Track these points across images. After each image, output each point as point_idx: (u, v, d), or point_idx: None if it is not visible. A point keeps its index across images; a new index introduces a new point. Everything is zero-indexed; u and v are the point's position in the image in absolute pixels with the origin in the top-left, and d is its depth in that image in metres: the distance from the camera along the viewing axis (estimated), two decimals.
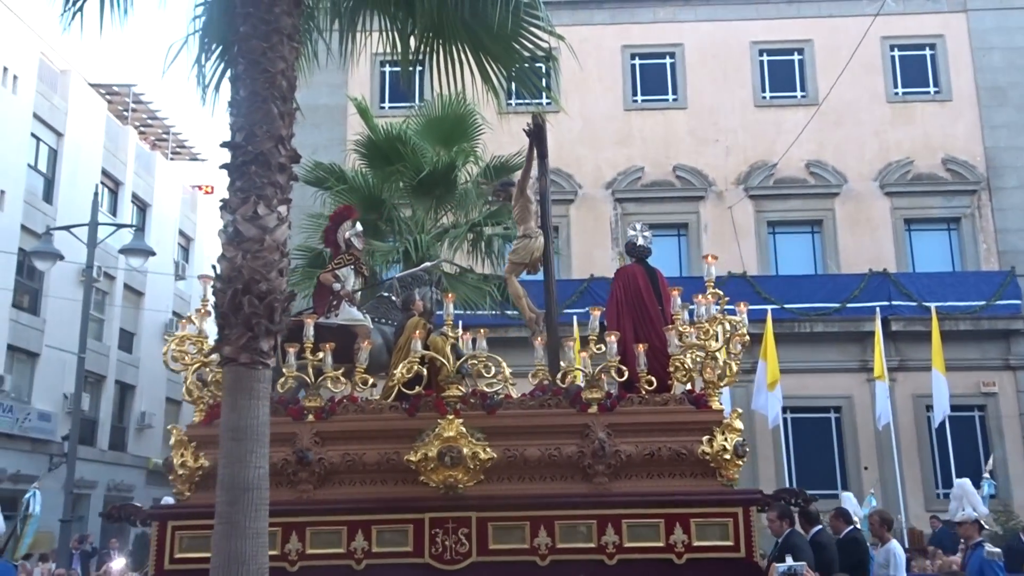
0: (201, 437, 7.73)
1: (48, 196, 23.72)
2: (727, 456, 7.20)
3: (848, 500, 12.53)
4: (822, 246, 20.46)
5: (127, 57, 69.22)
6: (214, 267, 5.92)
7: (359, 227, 9.19)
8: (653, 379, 7.48)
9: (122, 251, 17.98)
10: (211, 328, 7.88)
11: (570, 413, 7.47)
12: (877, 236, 20.23)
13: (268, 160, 5.77)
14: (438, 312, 8.91)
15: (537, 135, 8.50)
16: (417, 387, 7.59)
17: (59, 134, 24.17)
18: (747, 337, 7.65)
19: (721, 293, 7.87)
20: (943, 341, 16.87)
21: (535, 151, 8.58)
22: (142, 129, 30.60)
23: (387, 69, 20.35)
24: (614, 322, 8.15)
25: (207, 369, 7.84)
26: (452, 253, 14.46)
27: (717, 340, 7.49)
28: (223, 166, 5.94)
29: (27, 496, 13.91)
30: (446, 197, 14.36)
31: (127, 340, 27.02)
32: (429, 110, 14.88)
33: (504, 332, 17.95)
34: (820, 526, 8.15)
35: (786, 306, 18.92)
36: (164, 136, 32.05)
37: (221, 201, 5.88)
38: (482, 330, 7.90)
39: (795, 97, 21.21)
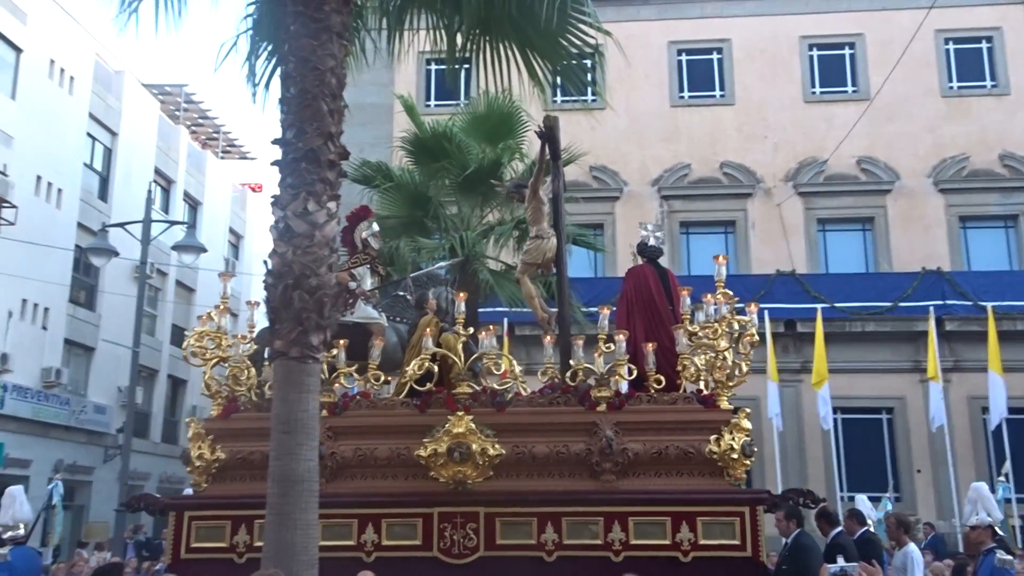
0: (218, 430, 7.95)
1: (103, 194, 24.27)
2: (735, 456, 7.18)
3: (862, 502, 12.33)
4: (874, 244, 20.09)
5: (178, 58, 70.53)
6: (265, 263, 6.01)
7: (375, 227, 9.31)
8: (662, 378, 7.51)
9: (175, 247, 18.33)
10: (230, 325, 8.31)
11: (578, 411, 7.51)
12: (931, 234, 19.81)
13: (318, 156, 5.83)
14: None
15: (549, 136, 8.49)
16: (428, 384, 7.68)
17: (114, 133, 24.71)
18: (756, 337, 7.62)
19: (731, 293, 7.77)
20: (1000, 341, 16.46)
21: (547, 152, 8.57)
22: (193, 128, 31.15)
23: (433, 67, 20.44)
24: (624, 321, 8.21)
25: (225, 364, 8.03)
26: (498, 250, 14.48)
27: (726, 340, 7.44)
28: (274, 163, 6.01)
29: (49, 488, 14.23)
30: (492, 194, 14.35)
31: (179, 335, 27.56)
32: (475, 107, 14.91)
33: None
34: (840, 528, 8.06)
35: (837, 305, 18.60)
36: (214, 135, 32.59)
37: (272, 197, 5.96)
38: (491, 327, 7.99)
39: (846, 92, 20.85)
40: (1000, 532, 8.85)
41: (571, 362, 7.74)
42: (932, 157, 20.20)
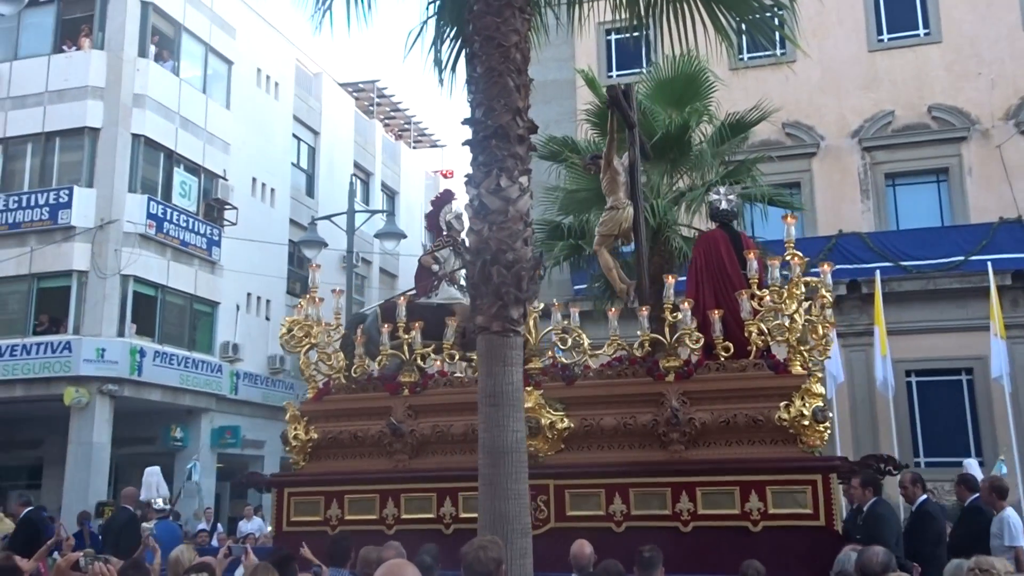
0: (312, 412, 8.45)
1: (310, 190, 25.93)
2: (805, 422, 6.94)
3: (972, 466, 10.97)
4: None
5: (369, 55, 73.96)
6: (463, 242, 6.20)
7: (458, 209, 9.41)
8: (730, 345, 7.31)
9: (377, 235, 19.27)
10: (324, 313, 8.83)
11: (645, 382, 7.46)
12: None
13: (507, 132, 5.91)
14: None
15: (616, 104, 8.20)
16: None
17: (316, 133, 26.31)
18: (829, 298, 7.38)
19: (800, 254, 7.46)
20: None
21: (617, 122, 8.33)
22: (386, 121, 32.57)
23: (612, 37, 20.19)
24: (693, 289, 8.02)
25: (324, 351, 8.50)
26: (690, 216, 14.15)
27: (795, 303, 7.15)
28: (465, 142, 6.16)
29: (188, 466, 15.40)
30: (681, 160, 14.04)
31: None
32: (658, 73, 14.59)
33: None
34: (926, 495, 7.55)
35: None
36: (406, 127, 33.94)
37: (465, 176, 6.12)
38: (557, 303, 8.00)
39: None
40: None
41: (637, 332, 7.66)
42: None
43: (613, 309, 8.11)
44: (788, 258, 7.47)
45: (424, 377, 8.36)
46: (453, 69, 8.15)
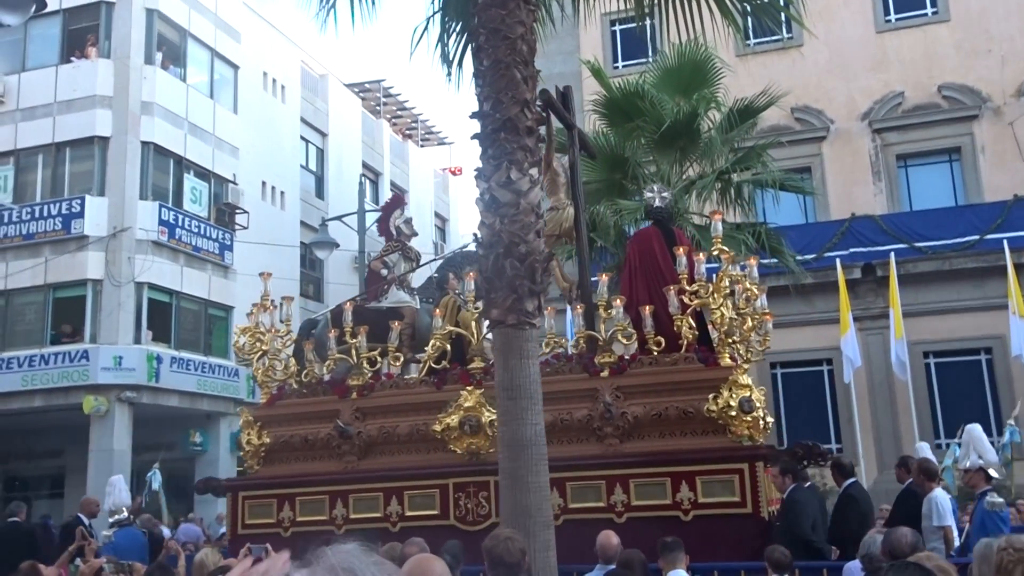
0: (265, 417, 8.70)
1: (319, 192, 25.95)
2: (733, 413, 7.08)
3: (924, 449, 10.92)
4: None
5: (373, 55, 73.98)
6: (475, 235, 6.21)
7: (407, 214, 9.90)
8: (662, 340, 7.50)
9: None
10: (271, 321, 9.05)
11: (581, 378, 7.63)
12: None
13: (516, 125, 5.89)
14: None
15: (553, 106, 8.28)
16: (443, 362, 8.04)
17: (323, 134, 26.33)
18: (754, 290, 7.54)
19: (727, 249, 7.67)
20: None
21: (554, 122, 8.47)
22: (393, 121, 32.55)
23: (617, 28, 20.12)
24: (627, 286, 8.25)
25: (268, 359, 8.75)
26: (701, 204, 14.10)
27: (722, 297, 7.38)
28: (474, 136, 6.14)
29: (148, 475, 15.36)
30: (690, 148, 13.99)
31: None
32: (664, 61, 14.54)
33: (761, 282, 17.36)
34: (854, 479, 7.70)
35: None
36: (413, 125, 33.91)
37: (475, 171, 6.10)
38: None
39: None
40: (995, 475, 8.45)
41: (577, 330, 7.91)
42: None
43: (550, 308, 8.33)
44: (716, 253, 7.71)
45: (372, 380, 8.60)
46: (460, 64, 8.19)
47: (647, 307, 7.69)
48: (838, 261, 16.17)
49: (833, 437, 17.16)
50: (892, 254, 16.04)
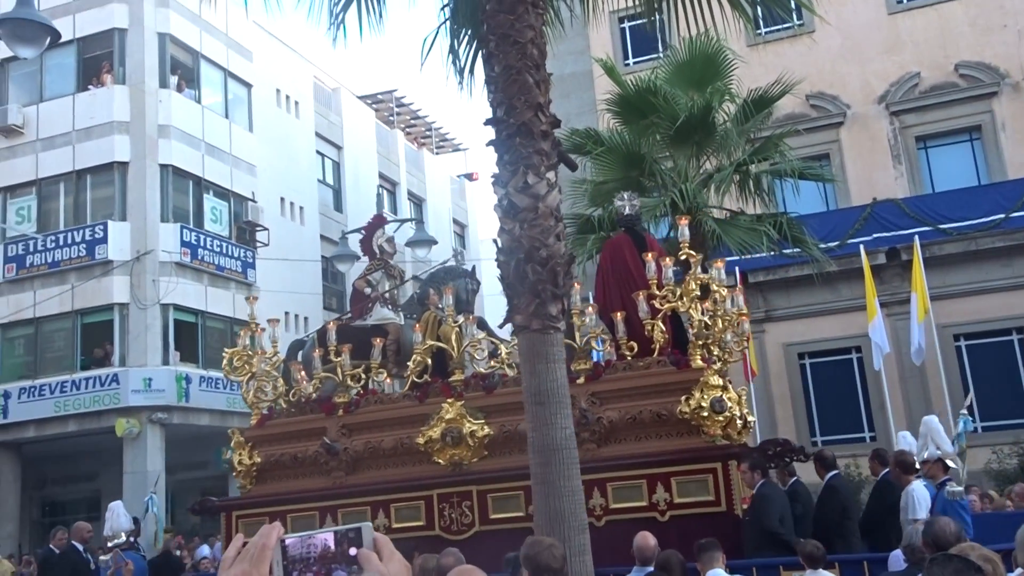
0: (256, 437, 8.86)
1: (338, 205, 26.06)
2: (705, 413, 7.22)
3: (904, 439, 10.73)
4: None
5: (384, 66, 74.30)
6: (495, 241, 6.18)
7: (388, 232, 10.04)
8: (635, 344, 7.64)
9: (408, 244, 19.31)
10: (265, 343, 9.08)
11: None
12: None
13: (530, 129, 5.89)
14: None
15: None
16: (425, 376, 8.23)
17: (338, 147, 26.45)
18: (723, 292, 7.74)
19: (694, 253, 7.78)
20: None
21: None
22: (407, 130, 32.63)
23: (627, 25, 20.05)
24: (600, 293, 8.46)
25: (262, 379, 8.87)
26: (720, 197, 14.02)
27: (690, 300, 7.55)
28: (489, 143, 6.13)
29: (145, 500, 15.36)
30: (706, 141, 13.92)
31: None
32: (676, 56, 14.48)
33: (785, 272, 17.25)
34: (836, 471, 7.82)
35: None
36: (427, 133, 33.98)
37: (492, 177, 6.09)
38: (471, 316, 8.44)
39: None
40: (953, 465, 8.55)
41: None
42: None
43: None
44: (683, 257, 7.85)
45: (358, 396, 8.77)
46: (471, 71, 8.17)
47: (619, 313, 7.91)
48: (862, 247, 15.97)
49: (866, 426, 16.99)
50: (916, 237, 15.84)
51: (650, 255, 7.90)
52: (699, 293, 7.68)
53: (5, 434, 18.95)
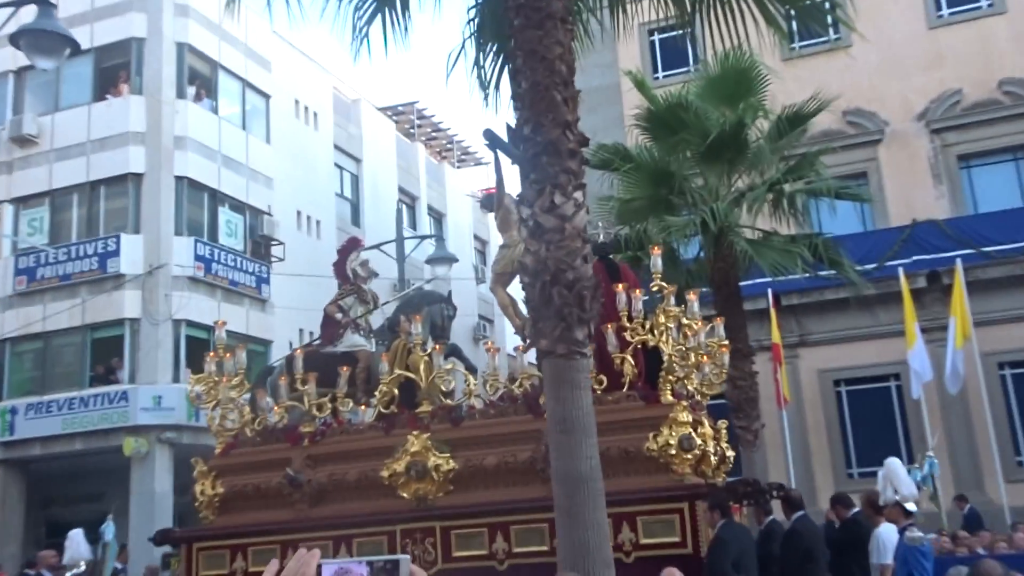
0: (220, 467, 8.62)
1: (356, 219, 25.59)
2: (673, 451, 7.02)
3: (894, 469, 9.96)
4: None
5: (405, 77, 74.25)
6: (521, 263, 5.87)
7: (363, 256, 9.93)
8: (603, 378, 7.40)
9: (428, 261, 18.81)
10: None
11: (525, 419, 7.55)
12: None
13: (558, 148, 5.71)
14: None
15: (498, 144, 8.04)
16: (391, 406, 8.02)
17: (357, 160, 26.03)
18: (695, 326, 7.67)
19: (666, 285, 7.57)
20: None
21: (500, 163, 8.37)
22: (428, 143, 32.22)
23: (656, 38, 19.52)
24: None
25: (230, 407, 8.64)
26: (752, 217, 13.40)
27: (661, 334, 7.36)
28: (515, 161, 5.73)
29: (102, 527, 14.85)
30: (738, 159, 13.34)
31: None
32: (707, 70, 13.91)
33: (820, 295, 16.58)
34: (802, 511, 7.77)
35: None
36: (449, 146, 33.56)
37: (518, 196, 5.76)
38: (438, 346, 8.17)
39: None
40: (913, 508, 8.54)
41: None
42: None
43: (496, 348, 8.33)
44: (655, 289, 7.63)
45: (323, 427, 8.51)
46: (497, 86, 8.05)
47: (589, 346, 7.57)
48: (901, 270, 15.30)
49: (905, 456, 16.20)
50: (958, 260, 15.14)
51: (620, 286, 7.64)
52: (670, 325, 7.48)
53: (11, 451, 18.60)
